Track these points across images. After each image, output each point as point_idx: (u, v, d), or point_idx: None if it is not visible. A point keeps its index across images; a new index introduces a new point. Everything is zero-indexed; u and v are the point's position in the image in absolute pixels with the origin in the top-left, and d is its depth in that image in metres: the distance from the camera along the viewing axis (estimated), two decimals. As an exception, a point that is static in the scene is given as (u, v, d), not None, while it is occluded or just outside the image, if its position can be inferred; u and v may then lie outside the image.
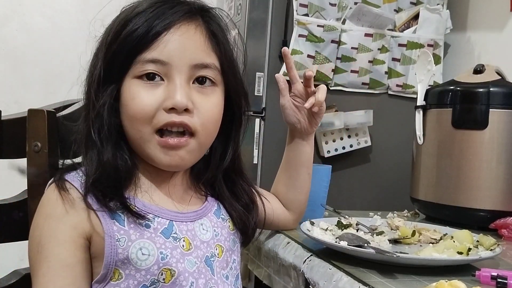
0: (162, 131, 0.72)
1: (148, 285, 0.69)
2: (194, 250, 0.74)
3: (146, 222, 0.71)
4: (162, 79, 0.71)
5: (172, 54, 0.70)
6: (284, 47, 0.93)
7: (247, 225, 0.83)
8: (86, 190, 0.70)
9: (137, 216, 0.70)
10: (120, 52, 0.71)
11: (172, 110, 0.70)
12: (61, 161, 0.80)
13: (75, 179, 0.72)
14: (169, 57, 0.70)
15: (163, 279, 0.69)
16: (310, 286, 0.86)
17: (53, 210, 0.70)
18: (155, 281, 0.69)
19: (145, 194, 0.74)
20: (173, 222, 0.74)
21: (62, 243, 0.68)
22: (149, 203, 0.73)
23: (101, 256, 0.69)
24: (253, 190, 0.89)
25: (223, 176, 0.83)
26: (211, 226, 0.78)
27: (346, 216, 1.10)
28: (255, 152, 1.62)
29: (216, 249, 0.77)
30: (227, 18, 0.79)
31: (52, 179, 0.73)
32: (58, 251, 0.68)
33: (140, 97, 0.70)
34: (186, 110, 0.71)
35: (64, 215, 0.69)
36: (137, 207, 0.71)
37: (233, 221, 0.83)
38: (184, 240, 0.73)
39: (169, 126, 0.71)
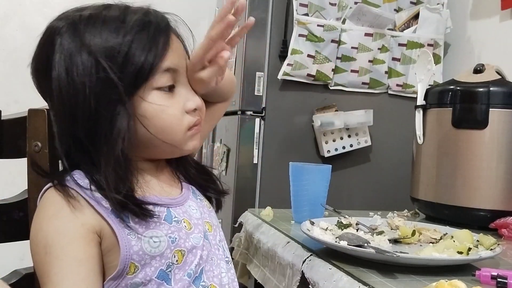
0: None
1: (165, 269, 0.72)
2: (195, 228, 0.77)
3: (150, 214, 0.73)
4: (174, 85, 0.77)
5: (178, 63, 0.77)
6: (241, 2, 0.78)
7: (218, 195, 0.90)
8: (90, 190, 0.71)
9: (146, 215, 0.72)
10: (130, 66, 0.72)
11: (194, 110, 0.78)
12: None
13: (73, 183, 0.72)
14: (177, 65, 0.76)
15: (176, 260, 0.73)
16: (310, 286, 0.86)
17: (57, 211, 0.70)
18: (170, 264, 0.72)
19: (142, 186, 0.76)
20: (170, 208, 0.77)
21: (71, 239, 0.68)
22: (148, 195, 0.76)
23: (114, 250, 0.70)
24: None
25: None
26: (196, 207, 0.82)
27: (346, 216, 1.10)
28: (255, 152, 1.62)
29: (206, 226, 0.81)
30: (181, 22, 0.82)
31: (49, 184, 0.73)
32: (69, 248, 0.68)
33: (168, 108, 0.75)
34: None
35: (69, 214, 0.69)
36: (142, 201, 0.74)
37: (208, 200, 0.88)
38: (184, 221, 0.77)
39: (196, 124, 0.78)
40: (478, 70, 1.29)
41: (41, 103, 0.87)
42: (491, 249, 0.89)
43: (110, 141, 0.71)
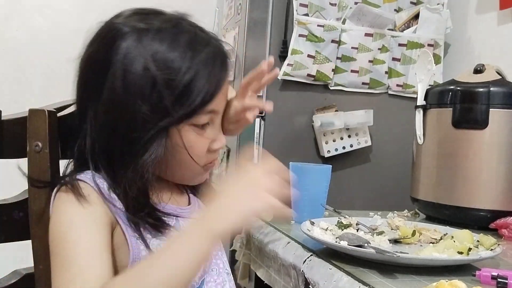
0: None
1: None
2: None
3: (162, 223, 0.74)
4: (208, 124, 0.77)
5: (221, 105, 0.78)
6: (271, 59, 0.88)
7: None
8: (108, 191, 0.72)
9: (159, 226, 0.73)
10: (186, 98, 0.71)
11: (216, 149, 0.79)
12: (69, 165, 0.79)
13: (89, 178, 0.72)
14: (220, 107, 0.78)
15: None
16: (310, 286, 0.86)
17: (75, 205, 0.69)
18: None
19: (156, 193, 0.77)
20: (178, 218, 0.78)
21: (88, 225, 0.68)
22: (158, 202, 0.77)
23: (124, 249, 0.71)
24: None
25: None
26: None
27: (346, 216, 1.10)
28: (255, 152, 1.62)
29: None
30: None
31: (62, 182, 0.72)
32: (89, 234, 0.68)
33: (196, 146, 0.75)
34: None
35: (87, 207, 0.69)
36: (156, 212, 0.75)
37: None
38: None
39: (213, 161, 0.80)
40: (478, 70, 1.29)
41: (41, 103, 0.87)
42: (491, 249, 0.89)
43: (140, 159, 0.70)
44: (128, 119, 0.70)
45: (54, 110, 0.82)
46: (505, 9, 1.60)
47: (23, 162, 0.80)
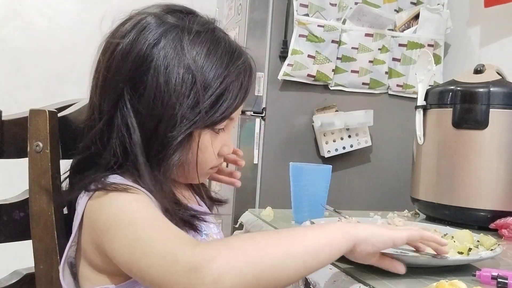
0: None
1: None
2: None
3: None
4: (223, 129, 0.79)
5: (238, 113, 0.80)
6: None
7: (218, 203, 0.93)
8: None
9: (196, 224, 0.74)
10: (218, 106, 0.73)
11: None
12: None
13: (121, 179, 0.71)
14: (237, 115, 0.80)
15: None
16: (311, 286, 0.86)
17: (124, 194, 0.67)
18: None
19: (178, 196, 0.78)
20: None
21: (144, 203, 0.67)
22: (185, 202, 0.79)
23: None
24: None
25: None
26: (213, 220, 0.84)
27: (346, 216, 1.10)
28: (255, 152, 1.62)
29: None
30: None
31: (92, 187, 0.69)
32: (147, 207, 0.66)
33: (209, 149, 0.77)
34: None
35: (138, 192, 0.68)
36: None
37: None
38: (210, 236, 0.79)
39: (217, 167, 0.82)
40: (479, 70, 1.29)
41: (41, 103, 0.87)
42: (492, 250, 0.89)
43: (169, 159, 0.71)
44: (168, 118, 0.70)
45: (54, 110, 0.82)
46: (489, 7, 1.61)
47: (24, 162, 0.80)
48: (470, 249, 0.87)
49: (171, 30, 0.72)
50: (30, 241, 0.80)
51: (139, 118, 0.71)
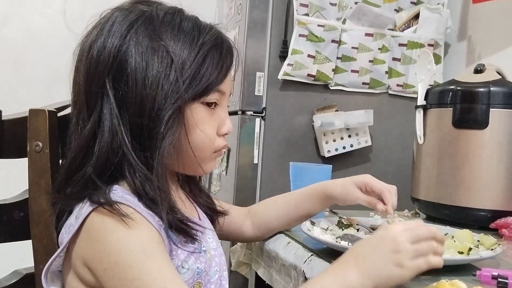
0: None
1: None
2: (213, 259, 0.79)
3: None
4: (216, 104, 0.79)
5: (228, 88, 0.80)
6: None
7: (219, 220, 0.94)
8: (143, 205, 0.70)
9: (192, 235, 0.74)
10: (198, 79, 0.74)
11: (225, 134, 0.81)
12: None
13: (120, 197, 0.69)
14: (227, 89, 0.79)
15: None
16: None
17: (126, 229, 0.66)
18: None
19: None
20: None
21: (146, 241, 0.67)
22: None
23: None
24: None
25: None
26: (212, 235, 0.84)
27: (345, 216, 1.10)
28: (255, 152, 1.62)
29: (222, 258, 0.83)
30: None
31: (90, 206, 0.68)
32: (150, 247, 0.66)
33: (207, 125, 0.77)
34: None
35: (137, 227, 0.67)
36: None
37: (213, 224, 0.90)
38: (208, 252, 0.78)
39: (223, 148, 0.82)
40: (479, 70, 1.29)
41: (41, 103, 0.87)
42: (492, 249, 0.89)
43: (161, 143, 0.70)
44: (153, 99, 0.71)
45: (54, 110, 0.82)
46: (477, 3, 1.61)
47: (23, 162, 0.80)
48: (470, 249, 0.87)
49: (140, 17, 0.74)
50: (30, 241, 0.80)
51: (126, 110, 0.71)
